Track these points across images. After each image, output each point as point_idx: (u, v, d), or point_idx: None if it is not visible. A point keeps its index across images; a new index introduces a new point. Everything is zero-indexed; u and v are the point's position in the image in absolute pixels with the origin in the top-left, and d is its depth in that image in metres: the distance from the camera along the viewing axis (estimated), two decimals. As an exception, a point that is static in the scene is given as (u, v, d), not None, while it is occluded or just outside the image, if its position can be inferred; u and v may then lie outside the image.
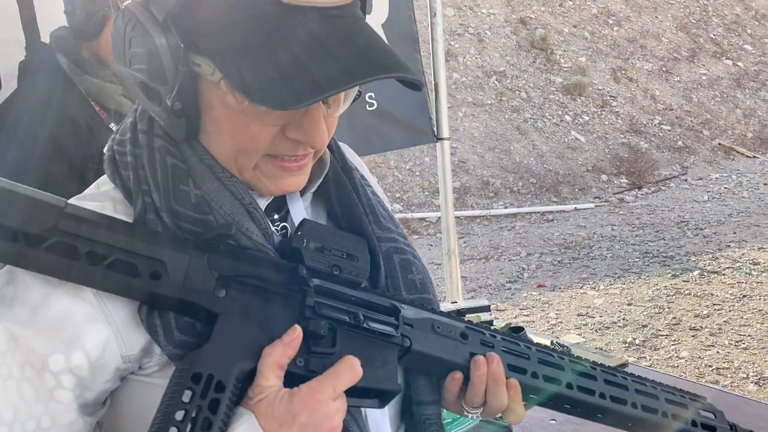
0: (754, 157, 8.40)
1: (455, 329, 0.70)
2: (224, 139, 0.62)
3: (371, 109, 2.46)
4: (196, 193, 0.61)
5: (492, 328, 0.74)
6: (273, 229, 0.68)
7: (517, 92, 8.43)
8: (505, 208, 6.90)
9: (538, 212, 6.80)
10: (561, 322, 4.11)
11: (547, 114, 8.33)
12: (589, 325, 4.05)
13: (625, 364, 1.61)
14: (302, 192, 0.73)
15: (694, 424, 0.78)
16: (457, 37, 8.54)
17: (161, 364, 0.60)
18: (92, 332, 0.57)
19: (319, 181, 0.72)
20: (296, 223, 0.69)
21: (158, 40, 0.57)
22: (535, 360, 0.73)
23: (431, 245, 5.80)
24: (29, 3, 1.66)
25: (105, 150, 0.67)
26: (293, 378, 0.58)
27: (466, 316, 1.89)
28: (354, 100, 0.67)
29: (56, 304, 0.57)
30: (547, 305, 4.40)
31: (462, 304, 1.97)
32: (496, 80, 8.45)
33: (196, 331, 0.58)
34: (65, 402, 0.57)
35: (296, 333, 0.59)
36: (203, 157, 0.63)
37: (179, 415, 0.53)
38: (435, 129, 2.66)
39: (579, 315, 4.20)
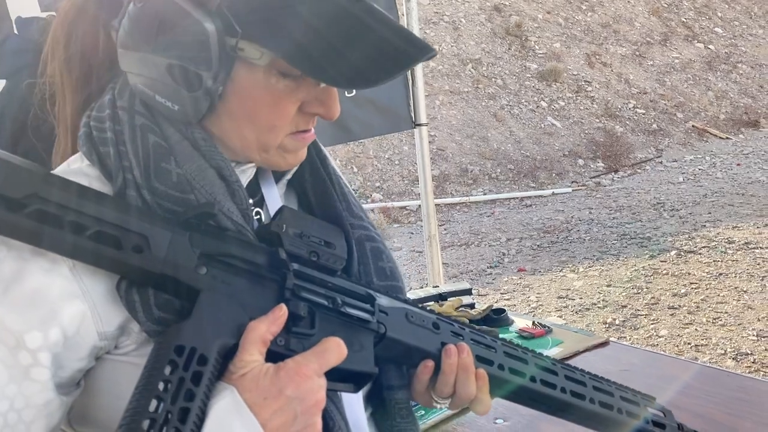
0: (727, 138, 8.54)
1: (427, 319, 0.72)
2: (250, 119, 0.63)
3: (350, 95, 2.44)
4: (177, 172, 0.61)
5: (460, 320, 0.76)
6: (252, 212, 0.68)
7: (493, 79, 8.46)
8: (484, 194, 6.93)
9: (517, 198, 6.84)
10: (542, 305, 4.15)
11: (523, 100, 8.37)
12: (570, 307, 4.09)
13: (606, 342, 1.62)
14: (277, 180, 0.74)
15: (646, 421, 0.80)
16: (432, 26, 8.53)
17: (138, 343, 0.60)
18: (68, 308, 0.56)
19: (295, 169, 0.73)
20: (270, 210, 0.70)
21: (208, 26, 0.58)
22: (501, 352, 0.74)
23: (412, 233, 5.81)
24: None
25: (82, 124, 0.65)
26: (273, 356, 0.58)
27: (448, 299, 1.89)
28: None
29: (31, 278, 0.55)
30: (528, 289, 4.44)
31: (443, 287, 1.97)
32: (472, 68, 8.46)
33: (175, 309, 0.58)
34: (42, 380, 0.55)
35: (282, 311, 0.59)
36: (199, 138, 0.63)
37: (161, 385, 0.53)
38: (413, 115, 2.65)
39: (559, 297, 4.24)
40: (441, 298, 1.87)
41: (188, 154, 0.63)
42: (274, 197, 0.73)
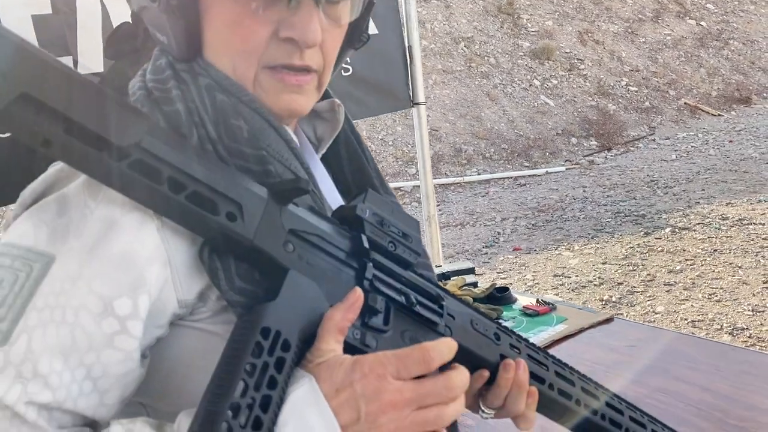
0: (719, 115, 8.55)
1: (490, 328, 0.70)
2: (223, 41, 0.61)
3: (346, 74, 2.41)
4: (247, 129, 0.59)
5: (517, 334, 0.74)
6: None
7: (485, 58, 8.40)
8: (479, 174, 6.92)
9: (511, 177, 6.83)
10: (538, 284, 4.16)
11: (516, 79, 8.33)
12: (566, 285, 4.11)
13: (611, 319, 1.62)
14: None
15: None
16: (424, 4, 8.44)
17: (213, 311, 0.57)
18: (154, 274, 0.53)
19: (330, 142, 0.72)
20: (318, 183, 0.67)
21: None
22: (552, 371, 0.73)
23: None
24: None
25: (133, 91, 0.62)
26: (350, 349, 0.56)
27: (451, 278, 1.89)
28: (365, 40, 0.67)
29: (119, 240, 0.52)
30: (524, 267, 4.45)
31: (446, 267, 1.96)
32: (465, 46, 8.40)
33: (254, 281, 0.56)
34: (127, 350, 0.52)
35: (357, 295, 0.56)
36: (234, 90, 0.61)
37: (246, 368, 0.50)
38: (411, 94, 2.63)
39: (555, 276, 4.26)
40: (444, 277, 1.87)
41: (248, 111, 0.61)
42: (321, 171, 0.71)
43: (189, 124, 0.59)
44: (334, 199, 0.71)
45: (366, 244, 0.60)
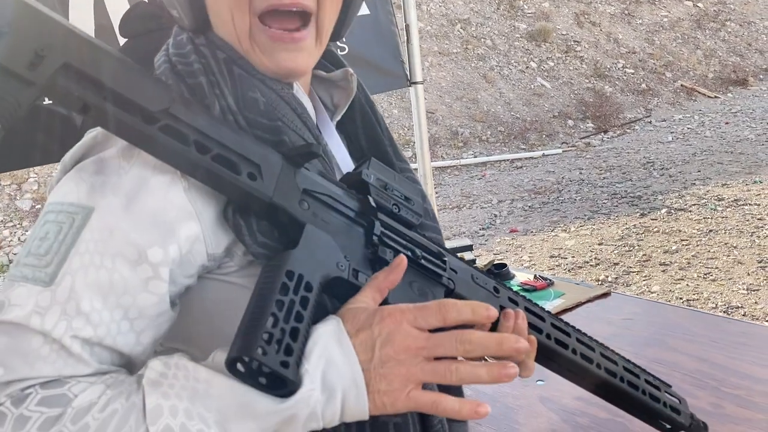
0: (716, 97, 8.55)
1: (489, 283, 0.74)
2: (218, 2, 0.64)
3: (343, 53, 2.40)
4: (263, 101, 0.63)
5: (514, 290, 0.79)
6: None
7: (482, 40, 8.37)
8: (475, 157, 6.91)
9: (508, 160, 6.83)
10: (534, 264, 4.19)
11: (512, 61, 8.30)
12: (562, 265, 4.13)
13: (608, 293, 1.64)
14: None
15: (665, 405, 0.84)
16: (419, -15, 8.39)
17: (240, 265, 0.61)
18: (185, 227, 0.58)
19: (344, 110, 0.74)
20: (333, 150, 0.72)
21: None
22: (549, 323, 0.77)
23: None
24: None
25: (158, 64, 0.66)
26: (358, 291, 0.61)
27: (450, 256, 1.90)
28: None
29: (150, 197, 0.57)
30: (520, 249, 4.47)
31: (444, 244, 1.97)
32: (461, 28, 8.35)
33: (275, 237, 0.60)
34: (159, 293, 0.57)
35: (401, 261, 0.60)
36: (249, 67, 0.64)
37: (275, 305, 0.55)
38: (408, 73, 2.62)
39: (552, 257, 4.28)
40: (442, 254, 1.88)
41: (261, 85, 0.64)
42: (335, 138, 0.74)
43: (212, 96, 0.62)
44: (346, 164, 0.74)
45: (373, 204, 0.65)
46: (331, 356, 0.54)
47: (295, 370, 0.52)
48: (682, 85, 8.67)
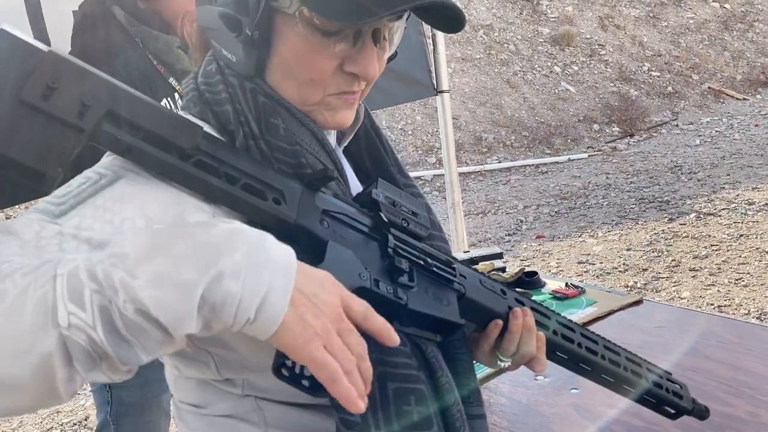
0: (744, 99, 8.42)
1: (496, 286, 0.81)
2: (291, 71, 0.69)
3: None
4: (283, 127, 0.68)
5: (519, 291, 0.87)
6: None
7: (505, 45, 8.35)
8: (499, 162, 6.90)
9: (532, 165, 6.81)
10: (562, 270, 4.17)
11: (536, 66, 8.27)
12: (590, 271, 4.11)
13: (640, 301, 1.64)
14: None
15: (662, 387, 0.92)
16: (442, -8, 8.40)
17: None
18: (195, 217, 0.61)
19: (351, 135, 0.79)
20: (346, 175, 0.77)
21: None
22: (554, 320, 0.84)
23: (429, 203, 5.81)
24: None
25: (186, 91, 0.72)
26: (384, 301, 0.65)
27: (480, 263, 1.91)
28: (391, 57, 0.75)
29: (173, 189, 0.61)
30: (548, 255, 4.45)
31: (474, 252, 1.99)
32: (484, 34, 8.35)
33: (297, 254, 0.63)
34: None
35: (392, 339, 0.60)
36: (274, 95, 0.70)
37: None
38: (434, 82, 2.64)
39: (579, 263, 4.25)
40: (472, 262, 1.89)
41: (284, 112, 0.69)
42: (344, 163, 0.79)
43: (236, 123, 0.67)
44: (355, 186, 0.79)
45: (385, 219, 0.70)
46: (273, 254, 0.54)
47: None
48: (709, 88, 8.56)
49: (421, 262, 0.71)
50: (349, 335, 0.55)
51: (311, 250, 0.63)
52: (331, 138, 0.76)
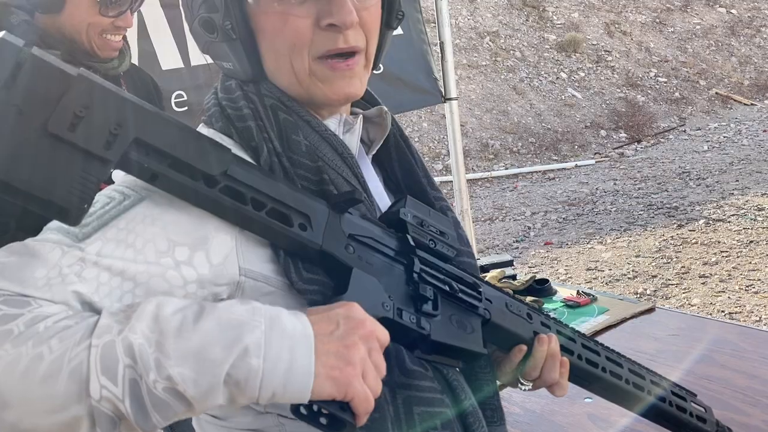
0: (752, 104, 8.38)
1: (522, 309, 0.79)
2: (277, 48, 0.69)
3: (378, 72, 2.44)
4: (305, 143, 0.68)
5: (545, 313, 0.84)
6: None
7: (511, 52, 8.36)
8: (506, 169, 6.89)
9: (540, 171, 6.79)
10: (571, 277, 4.15)
11: (542, 72, 8.27)
12: (599, 278, 4.09)
13: (652, 309, 1.63)
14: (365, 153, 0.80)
15: (690, 413, 0.90)
16: (448, -1, 8.42)
17: (280, 286, 0.65)
18: (218, 239, 0.61)
19: (379, 144, 0.78)
20: (369, 185, 0.75)
21: None
22: (579, 344, 0.82)
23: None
24: None
25: (208, 106, 0.72)
26: (407, 331, 0.64)
27: (490, 270, 1.91)
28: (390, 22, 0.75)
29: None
30: (556, 262, 4.43)
31: (485, 259, 1.98)
32: (490, 41, 8.36)
33: (318, 272, 0.64)
34: (173, 285, 0.59)
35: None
36: (290, 104, 0.69)
37: None
38: (442, 89, 2.64)
39: (588, 269, 4.23)
40: (483, 270, 1.89)
41: (305, 127, 0.69)
42: (371, 175, 0.78)
43: (260, 139, 0.67)
44: (380, 196, 0.78)
45: (412, 242, 0.69)
46: (281, 318, 0.55)
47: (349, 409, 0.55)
48: (716, 93, 8.53)
49: (447, 288, 0.69)
50: (377, 355, 0.57)
51: (336, 275, 0.63)
52: (353, 146, 0.75)
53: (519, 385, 0.82)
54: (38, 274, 0.53)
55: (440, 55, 2.61)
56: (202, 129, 0.70)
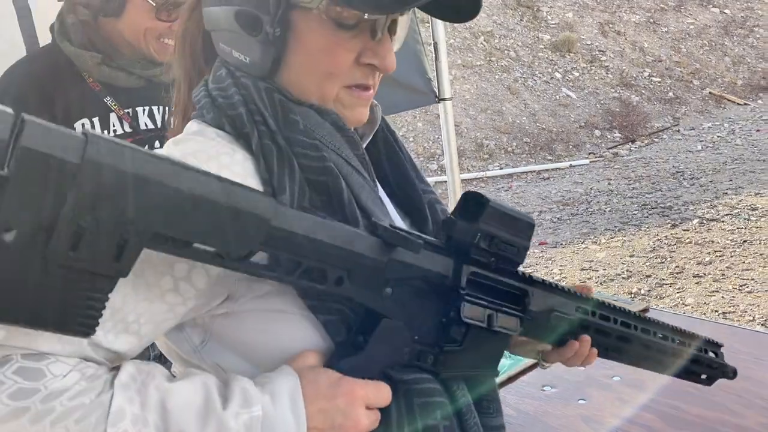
0: (745, 104, 8.42)
1: (570, 307, 0.77)
2: (310, 66, 0.68)
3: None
4: (303, 122, 0.66)
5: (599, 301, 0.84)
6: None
7: (505, 52, 8.37)
8: (501, 169, 6.90)
9: (534, 171, 6.80)
10: (566, 277, 4.15)
11: (537, 72, 8.28)
12: (593, 278, 4.09)
13: (646, 309, 1.62)
14: None
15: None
16: (442, -1, 8.42)
17: (274, 287, 0.63)
18: None
19: (369, 138, 0.77)
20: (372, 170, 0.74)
21: None
22: (618, 325, 0.83)
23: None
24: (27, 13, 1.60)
25: (198, 99, 0.70)
26: (420, 368, 0.64)
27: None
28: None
29: None
30: (550, 261, 4.44)
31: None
32: (484, 41, 8.37)
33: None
34: (171, 304, 0.59)
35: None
36: (289, 95, 0.68)
37: None
38: (436, 90, 2.64)
39: (582, 269, 4.24)
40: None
41: (302, 108, 0.68)
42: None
43: (250, 124, 0.65)
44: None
45: (463, 284, 0.63)
46: (282, 417, 0.57)
47: None
48: (710, 93, 8.56)
49: (484, 324, 0.65)
50: (374, 424, 0.61)
51: (364, 318, 0.62)
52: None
53: (540, 363, 0.88)
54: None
55: (434, 55, 2.60)
56: (194, 124, 0.68)
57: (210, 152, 0.62)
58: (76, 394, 0.52)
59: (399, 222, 0.74)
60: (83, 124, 1.31)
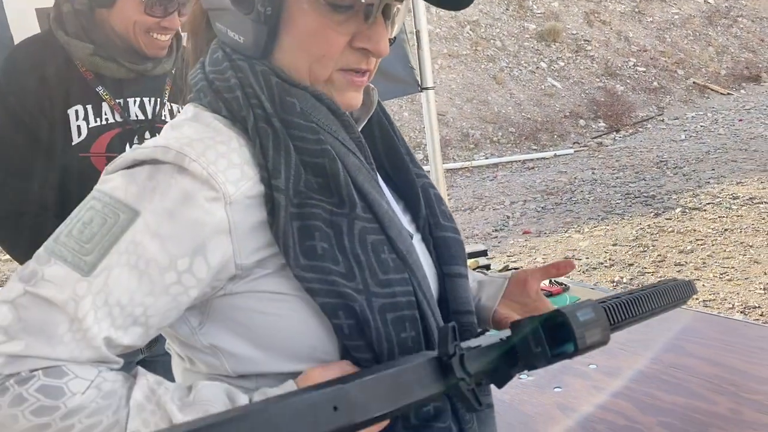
0: (728, 94, 8.48)
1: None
2: (303, 48, 0.68)
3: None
4: (300, 105, 0.67)
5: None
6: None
7: (491, 41, 8.36)
8: (486, 158, 6.91)
9: (519, 161, 6.82)
10: (549, 267, 4.18)
11: (522, 62, 8.29)
12: (577, 267, 4.13)
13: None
14: None
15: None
16: (428, -12, 8.39)
17: (275, 269, 0.64)
18: (215, 242, 0.61)
19: (365, 122, 0.77)
20: (369, 153, 0.73)
21: None
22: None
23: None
24: None
25: (195, 81, 0.70)
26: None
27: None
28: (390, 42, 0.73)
29: (192, 210, 0.61)
30: (534, 250, 4.47)
31: (459, 250, 1.98)
32: (470, 30, 8.35)
33: (317, 258, 0.62)
34: (174, 294, 0.61)
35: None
36: (286, 77, 0.68)
37: None
38: (419, 79, 2.63)
39: (566, 258, 4.27)
40: (457, 260, 1.88)
41: (299, 91, 0.68)
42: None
43: (246, 108, 0.66)
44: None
45: (469, 388, 0.56)
46: None
47: None
48: (694, 83, 8.62)
49: (478, 407, 0.56)
50: None
51: None
52: None
53: None
54: (61, 330, 0.56)
55: (416, 43, 2.59)
56: (190, 108, 0.69)
57: (207, 142, 0.63)
58: (93, 411, 0.55)
59: (394, 205, 0.74)
60: (77, 111, 1.32)
